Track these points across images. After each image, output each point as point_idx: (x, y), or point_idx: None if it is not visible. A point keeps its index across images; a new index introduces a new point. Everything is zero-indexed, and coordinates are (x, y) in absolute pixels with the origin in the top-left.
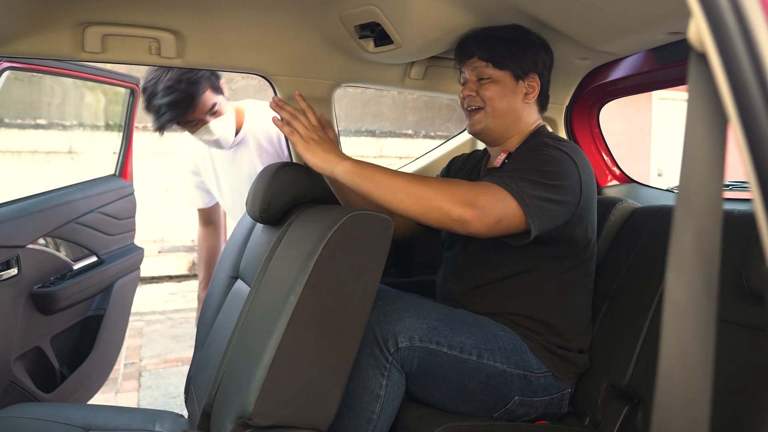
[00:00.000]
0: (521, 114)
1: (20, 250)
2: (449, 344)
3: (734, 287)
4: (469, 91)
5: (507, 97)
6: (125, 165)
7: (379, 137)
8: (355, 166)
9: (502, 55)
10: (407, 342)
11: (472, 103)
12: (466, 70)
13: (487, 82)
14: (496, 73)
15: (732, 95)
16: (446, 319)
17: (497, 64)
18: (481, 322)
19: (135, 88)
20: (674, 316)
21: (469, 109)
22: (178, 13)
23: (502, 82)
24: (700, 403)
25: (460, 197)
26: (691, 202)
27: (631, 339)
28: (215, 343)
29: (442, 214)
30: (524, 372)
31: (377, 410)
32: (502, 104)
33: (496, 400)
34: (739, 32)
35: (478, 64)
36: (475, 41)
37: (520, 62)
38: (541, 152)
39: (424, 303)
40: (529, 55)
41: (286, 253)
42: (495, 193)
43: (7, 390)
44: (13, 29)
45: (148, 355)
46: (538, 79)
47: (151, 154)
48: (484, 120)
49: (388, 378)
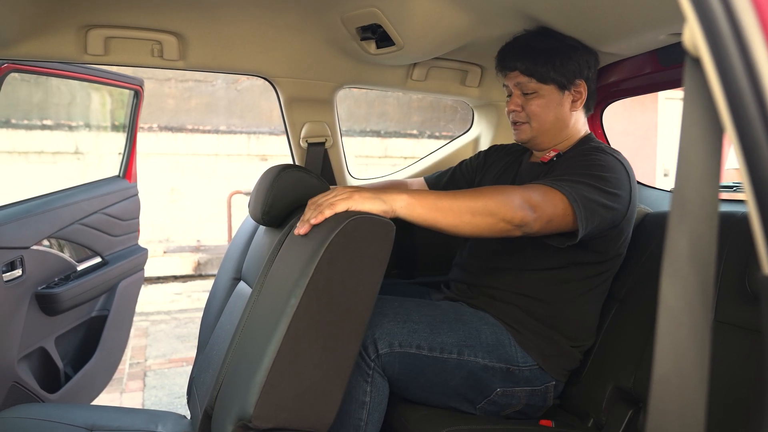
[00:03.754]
0: (569, 122)
1: (25, 251)
2: (429, 346)
3: (737, 290)
4: (514, 106)
5: (553, 110)
6: (129, 166)
7: (383, 137)
8: (414, 197)
9: (545, 68)
10: (387, 348)
11: (517, 118)
12: (509, 83)
13: (532, 96)
14: (540, 87)
15: (726, 99)
16: (426, 320)
17: (541, 78)
18: (464, 316)
19: (139, 89)
20: (669, 323)
21: (514, 122)
22: (180, 16)
23: (547, 96)
24: (695, 410)
25: (519, 203)
26: (687, 207)
27: (637, 343)
28: (217, 344)
29: (507, 223)
30: (507, 365)
31: (364, 417)
32: (548, 117)
33: (477, 392)
34: (733, 37)
35: (521, 79)
36: (515, 54)
37: (564, 72)
38: (598, 158)
39: (404, 305)
40: (572, 63)
41: (288, 256)
42: (546, 194)
43: (12, 390)
44: (17, 32)
45: (153, 355)
46: (584, 84)
47: (156, 154)
48: (530, 132)
49: (371, 384)
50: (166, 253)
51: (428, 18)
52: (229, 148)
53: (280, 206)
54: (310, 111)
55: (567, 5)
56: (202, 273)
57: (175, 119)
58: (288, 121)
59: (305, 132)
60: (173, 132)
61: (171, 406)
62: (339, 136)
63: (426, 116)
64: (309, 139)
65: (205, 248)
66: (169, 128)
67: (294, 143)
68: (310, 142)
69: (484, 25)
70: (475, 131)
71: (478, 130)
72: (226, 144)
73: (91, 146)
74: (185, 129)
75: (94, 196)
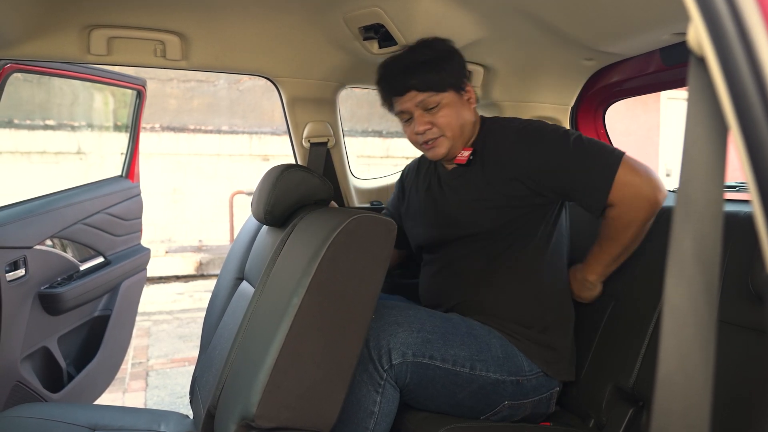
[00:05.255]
0: (472, 120)
1: (28, 251)
2: (442, 357)
3: (740, 289)
4: (424, 125)
5: (459, 114)
6: (132, 166)
7: (385, 137)
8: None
9: (438, 76)
10: (400, 358)
11: (430, 135)
12: (406, 105)
13: (437, 109)
14: (441, 96)
15: (731, 99)
16: (440, 331)
17: (438, 88)
18: (474, 330)
19: (141, 89)
20: (673, 322)
21: (426, 141)
22: (182, 16)
23: (450, 103)
24: (699, 410)
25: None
26: (691, 207)
27: (637, 341)
28: (220, 344)
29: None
30: (516, 377)
31: (371, 426)
32: (458, 122)
33: (485, 405)
34: (738, 37)
35: (421, 96)
36: (404, 74)
37: (454, 74)
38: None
39: (417, 314)
40: (456, 65)
41: (290, 255)
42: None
43: (15, 390)
44: (20, 33)
45: (155, 355)
46: (469, 83)
47: (158, 154)
48: (447, 144)
49: (382, 395)
50: (168, 253)
51: (431, 18)
52: (231, 148)
53: (282, 206)
54: (313, 111)
55: (570, 5)
56: (204, 273)
57: (178, 119)
58: (290, 121)
59: (308, 132)
60: (175, 132)
61: (173, 405)
62: (341, 136)
63: None
64: (311, 139)
65: (207, 248)
66: (172, 128)
67: (296, 143)
68: (312, 142)
69: (486, 25)
70: None
71: None
72: (228, 144)
73: (93, 146)
74: (187, 129)
75: (96, 196)
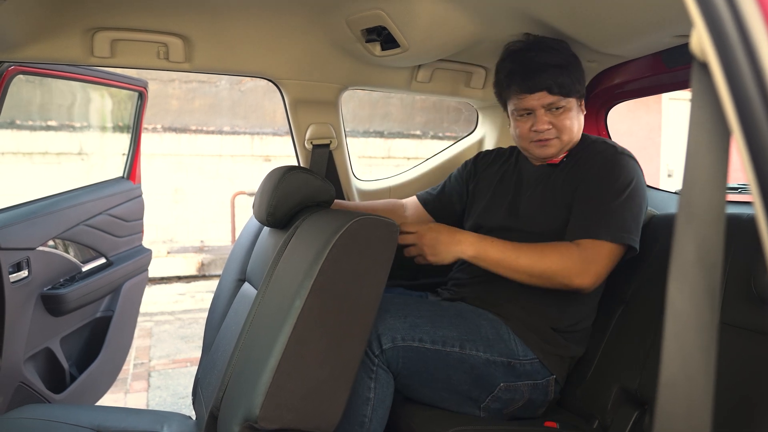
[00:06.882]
0: (581, 128)
1: (30, 252)
2: (432, 339)
3: (743, 291)
4: (545, 125)
5: (578, 119)
6: (133, 168)
7: (387, 138)
8: (478, 252)
9: (569, 80)
10: (390, 343)
11: (548, 135)
12: (532, 102)
13: (561, 111)
14: (567, 101)
15: (733, 104)
16: (427, 315)
17: (567, 93)
18: (463, 313)
19: (143, 91)
20: (676, 326)
21: (541, 139)
22: (186, 18)
23: (572, 108)
24: (702, 412)
25: (577, 269)
26: (694, 211)
27: (643, 344)
28: (222, 345)
29: (562, 287)
30: (508, 359)
31: (368, 413)
32: (575, 128)
33: (482, 389)
34: (740, 42)
35: (550, 99)
36: (540, 75)
37: (581, 82)
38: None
39: (406, 301)
40: (581, 73)
41: (293, 257)
42: (599, 250)
43: (18, 391)
44: (23, 35)
45: (157, 356)
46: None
47: (160, 155)
48: (559, 146)
49: (375, 380)
50: (169, 253)
51: (433, 20)
52: (232, 148)
53: (284, 208)
54: (315, 113)
55: (572, 8)
56: (206, 273)
57: (179, 120)
58: (293, 122)
59: (310, 133)
60: (177, 133)
61: (175, 406)
62: (344, 138)
63: (429, 117)
64: (314, 140)
65: (208, 249)
66: (173, 129)
67: (299, 145)
68: (315, 143)
69: (488, 27)
70: (479, 133)
71: (483, 132)
72: (229, 145)
73: (95, 147)
74: (189, 130)
75: (98, 198)
